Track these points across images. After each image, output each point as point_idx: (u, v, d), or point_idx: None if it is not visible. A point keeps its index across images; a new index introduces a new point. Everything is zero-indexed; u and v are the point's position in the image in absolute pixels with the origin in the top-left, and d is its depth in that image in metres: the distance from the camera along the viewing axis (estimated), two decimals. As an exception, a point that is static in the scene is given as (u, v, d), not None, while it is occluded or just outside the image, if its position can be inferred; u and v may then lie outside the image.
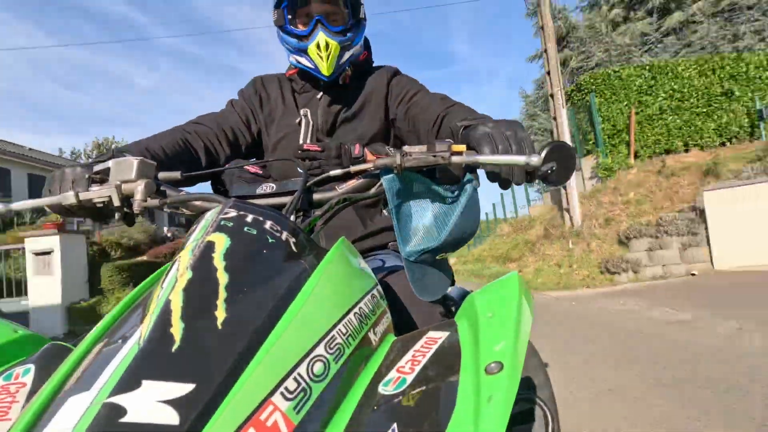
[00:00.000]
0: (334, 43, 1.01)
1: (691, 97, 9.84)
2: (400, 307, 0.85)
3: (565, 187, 8.41)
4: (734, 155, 8.43)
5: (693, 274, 6.82)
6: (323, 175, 0.77)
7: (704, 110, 9.78)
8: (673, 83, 9.89)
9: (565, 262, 7.91)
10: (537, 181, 0.71)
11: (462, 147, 0.68)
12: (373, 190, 0.77)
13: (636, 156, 9.73)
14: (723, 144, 9.70)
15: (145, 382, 0.36)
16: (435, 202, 0.74)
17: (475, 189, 0.70)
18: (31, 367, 0.58)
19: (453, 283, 1.10)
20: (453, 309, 1.12)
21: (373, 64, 1.21)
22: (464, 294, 1.29)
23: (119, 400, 0.35)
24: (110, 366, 0.39)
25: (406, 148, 0.69)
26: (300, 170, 0.88)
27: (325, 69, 1.02)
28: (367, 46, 1.19)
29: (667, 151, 9.68)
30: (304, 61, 1.05)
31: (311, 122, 1.11)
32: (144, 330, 0.42)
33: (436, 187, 0.72)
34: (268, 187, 0.79)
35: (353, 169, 0.75)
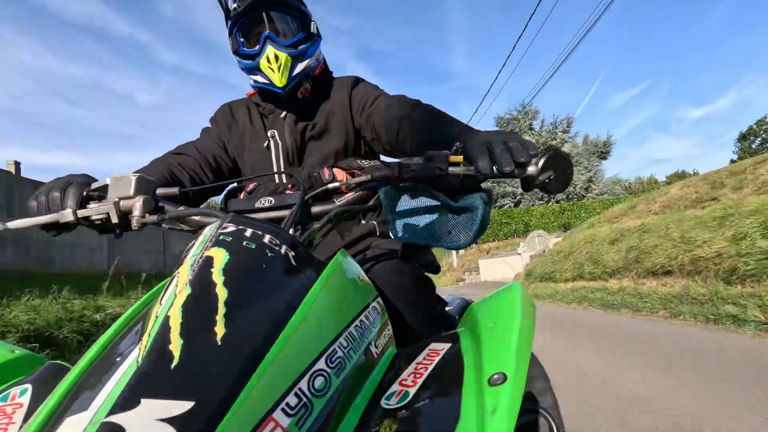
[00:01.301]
0: (283, 55, 1.04)
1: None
2: (400, 319, 0.84)
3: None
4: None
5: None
6: (321, 188, 0.77)
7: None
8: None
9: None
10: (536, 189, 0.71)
11: (459, 158, 0.68)
12: (371, 202, 0.77)
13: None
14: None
15: (144, 401, 0.36)
16: (433, 213, 0.74)
17: (486, 203, 0.71)
18: (29, 387, 0.57)
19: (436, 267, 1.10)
20: (454, 320, 1.11)
21: (333, 76, 1.22)
22: (465, 305, 1.29)
23: (118, 419, 0.34)
24: (108, 384, 0.39)
25: (403, 159, 0.69)
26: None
27: (277, 80, 1.05)
28: (325, 65, 1.20)
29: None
30: (259, 78, 1.08)
31: (280, 143, 1.12)
32: (142, 347, 0.41)
33: (435, 199, 0.72)
34: (266, 201, 0.79)
35: (351, 181, 0.75)
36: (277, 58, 1.03)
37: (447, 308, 1.21)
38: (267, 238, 0.58)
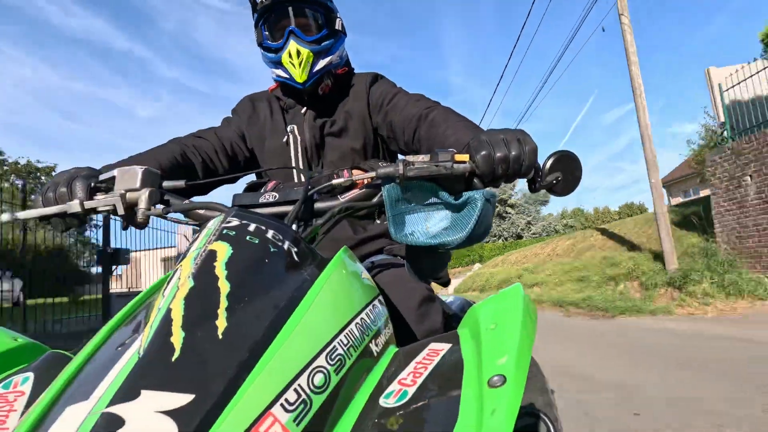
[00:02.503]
0: (305, 51, 1.03)
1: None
2: (401, 318, 0.84)
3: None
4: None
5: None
6: (325, 184, 0.77)
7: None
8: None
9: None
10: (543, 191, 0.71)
11: (465, 156, 0.67)
12: (375, 200, 0.76)
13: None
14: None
15: (144, 392, 0.36)
16: (437, 212, 0.73)
17: (488, 199, 0.68)
18: (30, 375, 0.58)
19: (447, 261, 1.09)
20: (455, 320, 1.11)
21: (355, 71, 1.22)
22: (466, 305, 1.28)
23: (117, 410, 0.34)
24: (109, 375, 0.39)
25: (408, 157, 0.69)
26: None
27: (297, 76, 1.04)
28: (347, 63, 1.19)
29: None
30: (280, 72, 1.07)
31: (299, 139, 1.12)
32: (144, 339, 0.41)
33: (438, 197, 0.71)
34: (270, 196, 0.79)
35: (356, 178, 0.75)
36: (299, 53, 1.03)
37: (447, 308, 1.21)
38: (270, 234, 0.58)
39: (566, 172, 0.68)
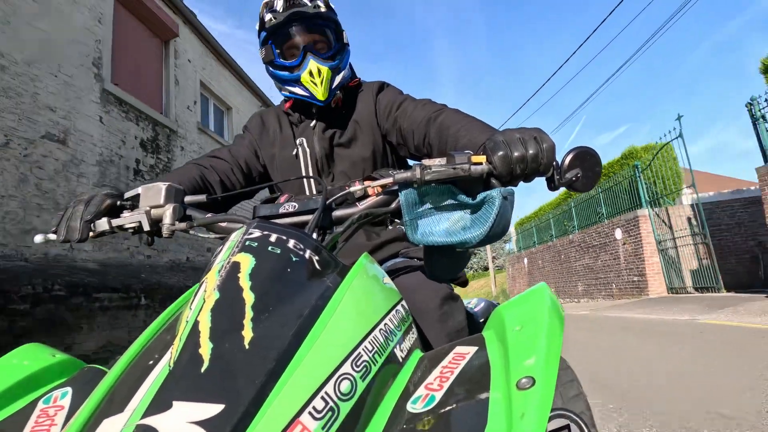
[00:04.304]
0: (325, 69, 1.04)
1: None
2: (425, 322, 0.84)
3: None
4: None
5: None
6: (343, 192, 0.78)
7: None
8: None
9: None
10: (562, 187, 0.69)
11: (482, 158, 0.67)
12: (393, 205, 0.76)
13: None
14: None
15: (175, 403, 0.37)
16: (455, 212, 0.72)
17: (505, 197, 0.66)
18: (69, 390, 0.60)
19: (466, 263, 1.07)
20: (479, 323, 1.10)
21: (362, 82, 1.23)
22: (490, 307, 1.27)
23: (151, 421, 0.35)
24: (142, 388, 0.40)
25: (425, 161, 0.68)
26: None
27: (320, 94, 1.05)
28: (351, 69, 1.20)
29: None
30: (297, 90, 1.08)
31: (308, 151, 1.13)
32: (174, 351, 0.42)
33: (455, 198, 0.70)
34: (290, 206, 0.80)
35: (373, 184, 0.75)
36: (319, 72, 1.04)
37: (471, 311, 1.20)
38: (291, 243, 0.59)
39: (585, 168, 0.67)
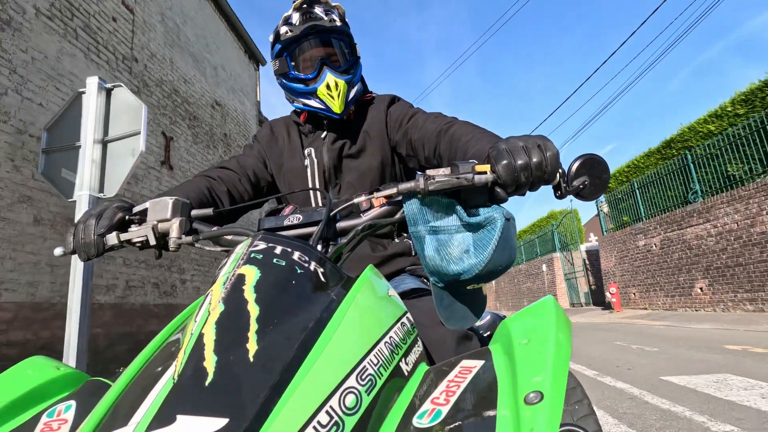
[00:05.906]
0: (341, 82, 1.05)
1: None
2: (430, 335, 0.83)
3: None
4: None
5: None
6: (347, 203, 0.78)
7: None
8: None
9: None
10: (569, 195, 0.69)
11: (486, 167, 0.66)
12: (397, 216, 0.76)
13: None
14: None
15: (179, 417, 0.36)
16: (462, 228, 0.71)
17: (508, 219, 0.64)
18: (73, 403, 0.59)
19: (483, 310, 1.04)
20: (485, 336, 1.09)
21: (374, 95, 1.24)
22: (496, 320, 1.25)
23: None
24: (146, 401, 0.40)
25: (429, 171, 0.68)
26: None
27: (336, 107, 1.06)
28: (363, 82, 1.21)
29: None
30: (313, 103, 1.08)
31: (316, 161, 1.13)
32: (178, 364, 0.42)
33: (457, 214, 0.69)
34: (295, 218, 0.81)
35: (377, 195, 0.75)
36: (336, 85, 1.05)
37: (477, 324, 1.18)
38: (296, 255, 0.59)
39: (593, 176, 0.66)
